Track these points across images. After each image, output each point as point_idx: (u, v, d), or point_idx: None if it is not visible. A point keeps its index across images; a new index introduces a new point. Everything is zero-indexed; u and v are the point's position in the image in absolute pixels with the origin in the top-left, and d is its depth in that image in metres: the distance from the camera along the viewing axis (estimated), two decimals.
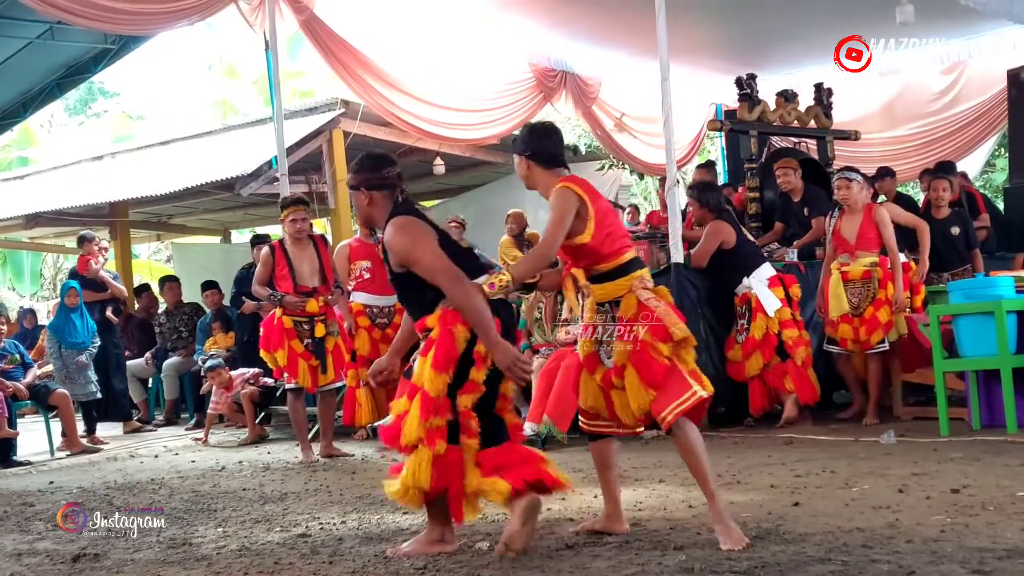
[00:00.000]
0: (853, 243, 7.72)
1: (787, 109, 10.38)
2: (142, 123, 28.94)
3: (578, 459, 6.88)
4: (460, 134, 11.81)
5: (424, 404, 4.29)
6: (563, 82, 12.02)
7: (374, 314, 8.63)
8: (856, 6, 10.17)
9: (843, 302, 7.66)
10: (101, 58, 13.20)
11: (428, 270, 4.33)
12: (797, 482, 5.52)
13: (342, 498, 6.02)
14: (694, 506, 5.11)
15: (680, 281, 8.02)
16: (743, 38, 11.53)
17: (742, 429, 7.81)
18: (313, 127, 12.17)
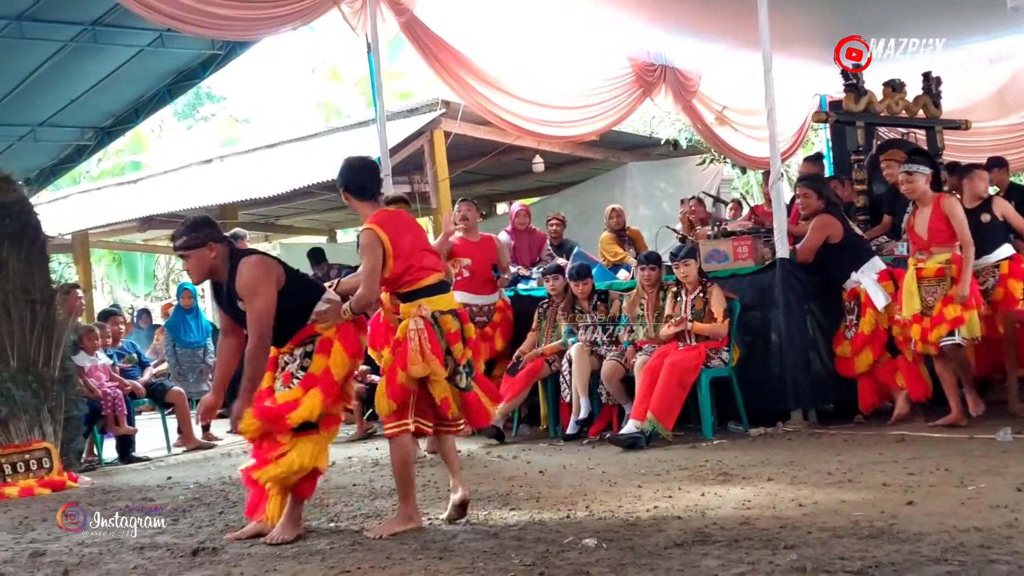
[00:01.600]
0: (926, 239, 7.34)
1: (895, 99, 10.15)
2: (248, 126, 29.57)
3: (683, 456, 6.88)
4: (559, 131, 11.83)
5: (327, 389, 5.12)
6: (662, 76, 11.96)
7: (473, 313, 8.64)
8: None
9: (915, 301, 7.30)
10: (209, 63, 13.58)
11: (255, 314, 5.03)
12: (910, 480, 5.42)
13: (450, 494, 6.08)
14: (804, 504, 5.06)
15: (786, 276, 7.93)
16: (848, 27, 11.31)
17: (852, 426, 7.68)
18: (414, 128, 12.31)
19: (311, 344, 5.18)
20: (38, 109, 13.92)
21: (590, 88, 11.70)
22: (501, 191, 16.30)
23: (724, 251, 8.40)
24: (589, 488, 5.99)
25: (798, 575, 3.75)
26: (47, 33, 11.85)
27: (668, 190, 14.71)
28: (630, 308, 8.49)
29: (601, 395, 8.23)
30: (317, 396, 5.06)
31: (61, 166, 16.41)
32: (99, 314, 11.60)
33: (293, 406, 5.02)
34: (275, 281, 5.06)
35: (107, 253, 23.10)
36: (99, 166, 25.99)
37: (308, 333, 5.19)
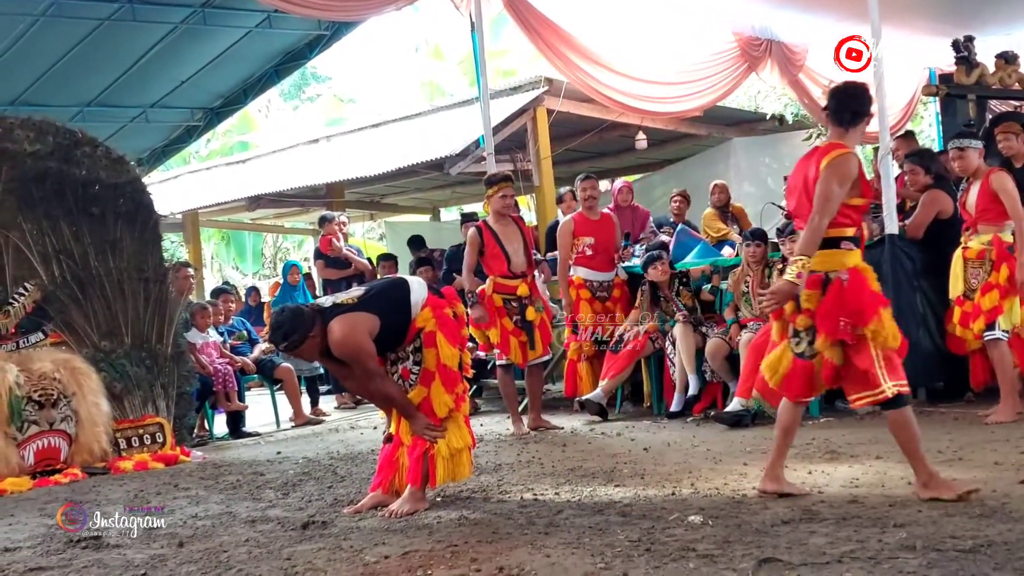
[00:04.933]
0: (974, 216, 7.06)
1: (1007, 71, 9.91)
2: (353, 106, 29.94)
3: None
4: (662, 107, 11.77)
5: (445, 378, 5.28)
6: (768, 50, 11.80)
7: (594, 288, 8.96)
8: None
9: (959, 283, 7.10)
10: (315, 44, 13.80)
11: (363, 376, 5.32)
12: (1023, 459, 5.32)
13: (554, 470, 6.16)
14: (914, 483, 5.00)
15: (895, 252, 7.82)
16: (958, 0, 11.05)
17: (963, 404, 7.55)
18: (517, 106, 12.34)
19: (418, 340, 5.34)
20: (149, 91, 14.30)
21: (694, 63, 11.61)
22: (604, 168, 16.23)
23: None
24: (694, 465, 6.00)
25: (908, 553, 3.73)
26: (158, 15, 12.16)
27: (773, 165, 14.49)
28: (735, 285, 8.44)
29: (705, 373, 8.21)
30: (440, 388, 5.29)
31: (172, 146, 16.83)
32: (211, 292, 11.90)
33: (429, 405, 5.28)
34: (366, 336, 5.16)
35: (216, 232, 23.65)
36: (208, 147, 26.58)
37: (414, 331, 5.34)
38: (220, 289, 11.65)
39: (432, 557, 4.26)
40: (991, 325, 6.93)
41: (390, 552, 4.38)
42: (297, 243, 26.03)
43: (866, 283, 4.67)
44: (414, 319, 5.34)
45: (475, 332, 8.28)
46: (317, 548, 4.56)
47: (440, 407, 5.30)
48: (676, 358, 8.30)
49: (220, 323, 10.21)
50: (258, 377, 10.42)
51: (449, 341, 5.37)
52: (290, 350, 5.24)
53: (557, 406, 9.04)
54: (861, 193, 4.71)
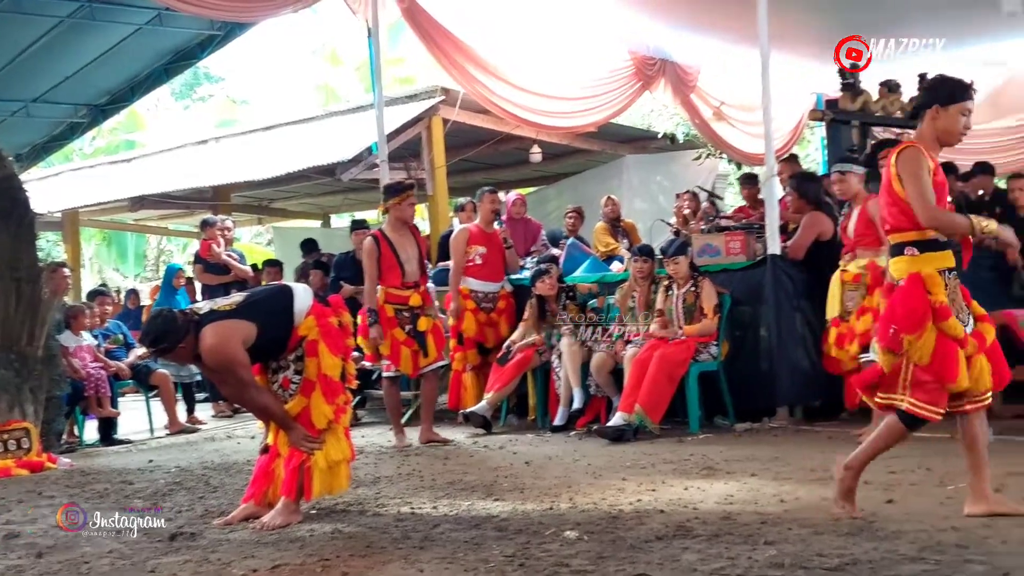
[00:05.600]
0: (852, 240, 7.21)
1: (890, 100, 10.16)
2: (246, 108, 29.50)
3: (669, 450, 6.89)
4: (558, 122, 11.83)
5: (327, 388, 5.19)
6: (662, 70, 11.95)
7: (479, 298, 8.99)
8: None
9: (836, 304, 7.23)
10: (207, 44, 13.56)
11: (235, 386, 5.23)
12: (891, 479, 5.45)
13: (434, 483, 6.11)
14: (786, 500, 5.10)
15: (777, 273, 7.95)
16: (846, 26, 11.27)
17: (837, 423, 7.70)
18: (413, 114, 12.29)
19: (300, 348, 5.23)
20: (32, 85, 13.87)
21: (590, 80, 11.69)
22: (498, 180, 16.25)
23: (716, 246, 8.43)
24: (574, 480, 6.00)
25: (776, 570, 3.77)
26: (44, 8, 11.82)
27: (664, 183, 14.70)
28: (622, 300, 8.50)
29: (590, 387, 8.24)
30: (320, 399, 5.19)
31: (54, 143, 16.36)
32: (87, 294, 11.58)
33: (308, 416, 5.17)
34: (239, 344, 5.03)
35: (98, 232, 23.00)
36: (93, 144, 25.93)
37: (296, 339, 5.23)
38: (96, 291, 11.34)
39: (302, 571, 4.18)
40: (866, 348, 7.07)
41: (259, 566, 4.27)
42: (182, 246, 25.49)
43: (920, 289, 4.34)
44: (297, 327, 5.24)
45: (364, 342, 8.18)
46: (183, 560, 4.43)
47: (319, 418, 5.20)
48: (562, 372, 8.32)
49: (96, 326, 9.93)
50: (133, 383, 10.14)
51: (332, 351, 5.28)
52: (161, 355, 5.10)
53: (441, 418, 8.98)
54: None
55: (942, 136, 4.41)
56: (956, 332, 4.34)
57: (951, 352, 4.32)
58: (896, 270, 4.46)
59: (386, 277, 7.93)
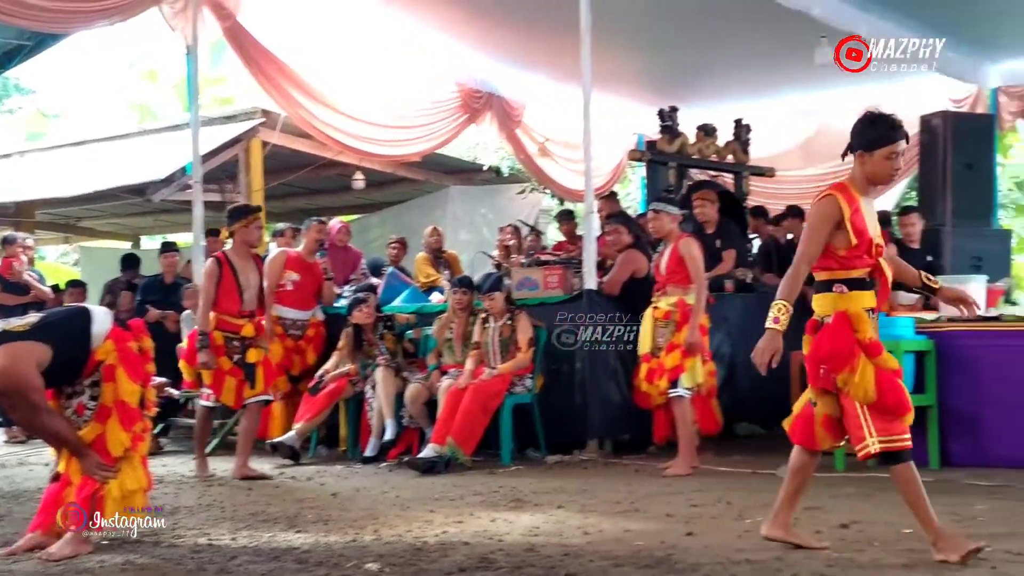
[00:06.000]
0: (664, 278, 7.40)
1: (706, 143, 10.51)
2: (58, 121, 28.35)
3: (479, 482, 6.86)
4: (382, 150, 11.76)
5: (123, 415, 4.96)
6: (488, 104, 12.05)
7: (287, 325, 8.86)
8: (776, 45, 10.33)
9: (647, 340, 7.39)
10: (15, 54, 12.91)
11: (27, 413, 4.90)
12: (693, 512, 5.54)
13: (235, 514, 5.91)
14: (590, 532, 5.12)
15: (592, 308, 8.04)
16: (667, 70, 11.68)
17: (645, 457, 7.82)
18: (231, 135, 12.02)
19: (97, 373, 5.00)
20: None
21: (416, 109, 11.67)
22: (319, 206, 16.00)
23: (535, 279, 8.49)
24: (380, 512, 5.90)
25: None
26: None
27: (489, 216, 14.79)
28: (439, 332, 8.47)
29: (403, 418, 8.15)
30: (116, 425, 4.96)
31: None
32: None
33: (103, 443, 4.93)
34: (32, 367, 4.74)
35: None
36: None
37: (93, 364, 4.99)
38: None
39: None
40: (674, 383, 7.22)
41: None
42: None
43: (846, 328, 4.32)
44: (94, 351, 4.99)
45: (186, 368, 7.86)
46: None
47: (115, 445, 4.96)
48: (375, 402, 8.21)
49: None
50: None
51: (130, 376, 5.04)
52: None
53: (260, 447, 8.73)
54: (848, 236, 4.33)
55: (871, 178, 4.42)
56: (892, 364, 4.36)
57: (896, 384, 4.33)
58: (820, 307, 4.43)
59: (222, 303, 7.56)
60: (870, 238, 4.36)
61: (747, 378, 8.71)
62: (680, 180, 10.40)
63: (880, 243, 4.43)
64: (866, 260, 4.39)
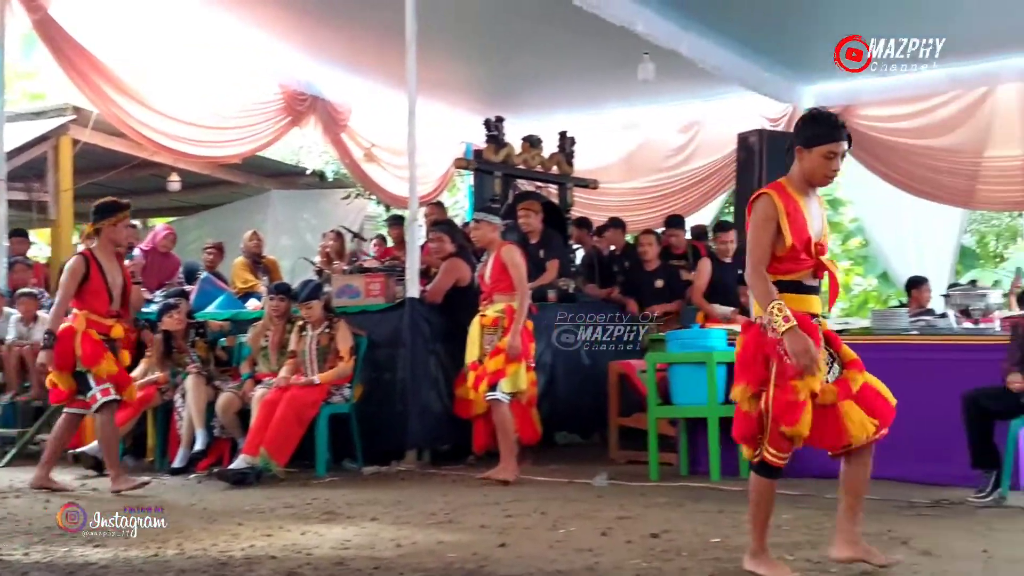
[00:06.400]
0: (490, 286, 7.45)
1: (532, 154, 10.55)
2: None
3: (292, 494, 6.70)
4: (200, 151, 11.37)
5: None
6: (313, 107, 11.82)
7: None
8: (601, 60, 10.47)
9: (475, 348, 7.41)
10: None
11: None
12: (507, 522, 5.51)
13: (30, 528, 5.62)
14: (402, 545, 5.04)
15: (414, 316, 7.97)
16: (494, 80, 11.73)
17: (464, 467, 7.77)
18: (39, 132, 11.46)
19: None
20: None
21: (236, 110, 11.34)
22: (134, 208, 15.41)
23: (356, 287, 8.36)
24: (186, 525, 5.66)
25: None
26: None
27: (312, 221, 14.54)
28: (254, 339, 8.25)
29: (214, 428, 7.89)
30: None
31: None
32: None
33: None
34: None
35: None
36: None
37: None
38: None
39: None
40: (493, 386, 7.21)
41: None
42: None
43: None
44: None
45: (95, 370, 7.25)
46: None
47: None
48: (185, 411, 7.92)
49: None
50: None
51: None
52: None
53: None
54: (784, 237, 4.13)
55: (808, 176, 4.22)
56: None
57: (791, 401, 4.08)
58: (756, 308, 4.24)
59: (90, 302, 7.11)
60: (808, 237, 4.14)
61: (566, 387, 8.84)
62: (506, 190, 10.41)
63: (822, 242, 4.24)
64: (804, 262, 4.17)
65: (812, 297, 4.23)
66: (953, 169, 11.13)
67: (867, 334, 7.14)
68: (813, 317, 4.17)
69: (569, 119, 11.91)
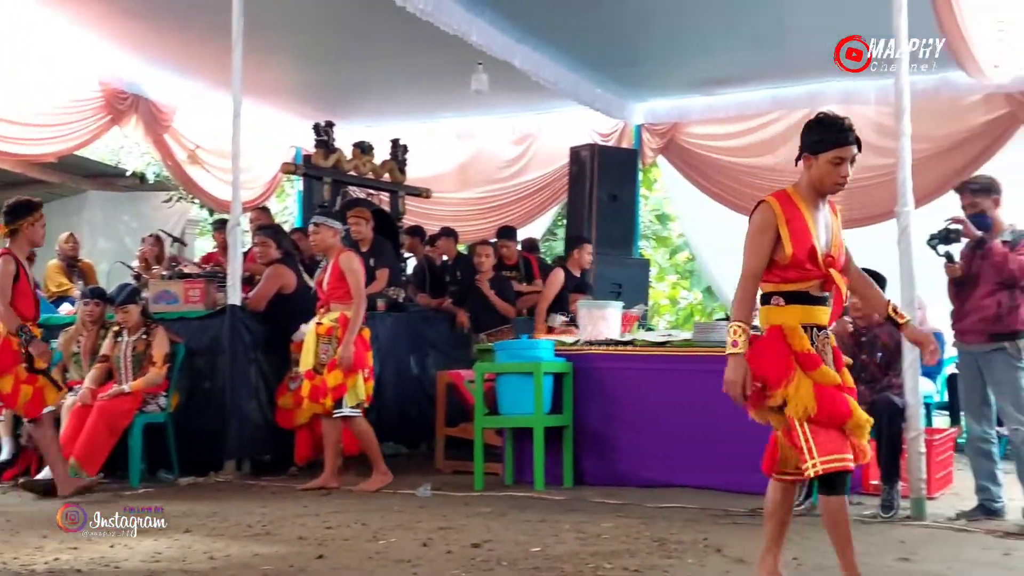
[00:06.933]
0: (326, 294, 7.29)
1: (363, 160, 10.42)
2: None
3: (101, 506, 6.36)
4: (11, 148, 10.70)
5: None
6: (135, 106, 11.37)
7: None
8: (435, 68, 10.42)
9: (310, 357, 7.22)
10: None
11: None
12: (327, 534, 5.38)
13: None
14: (216, 557, 4.89)
15: (235, 323, 7.75)
16: (325, 85, 11.54)
17: (284, 478, 7.58)
18: None
19: None
20: None
21: (52, 106, 10.76)
22: None
23: (175, 293, 8.10)
24: None
25: None
26: None
27: (132, 224, 14.02)
28: (66, 345, 7.92)
29: (20, 437, 7.52)
30: None
31: None
32: None
33: None
34: None
35: None
36: None
37: None
38: None
39: None
40: (339, 402, 7.05)
41: None
42: None
43: (780, 342, 3.95)
44: None
45: None
46: None
47: None
48: None
49: None
50: None
51: None
52: None
53: None
54: (784, 246, 3.97)
55: (816, 184, 4.04)
56: (830, 379, 3.96)
57: (835, 394, 3.93)
58: (761, 320, 4.10)
59: (17, 305, 6.72)
60: (812, 247, 3.97)
61: (394, 397, 8.74)
62: (335, 196, 10.24)
63: (832, 254, 4.05)
64: (811, 272, 3.99)
65: (820, 308, 4.05)
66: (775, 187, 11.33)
67: (689, 346, 7.28)
68: (820, 330, 4.04)
69: (402, 127, 11.83)
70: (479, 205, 13.17)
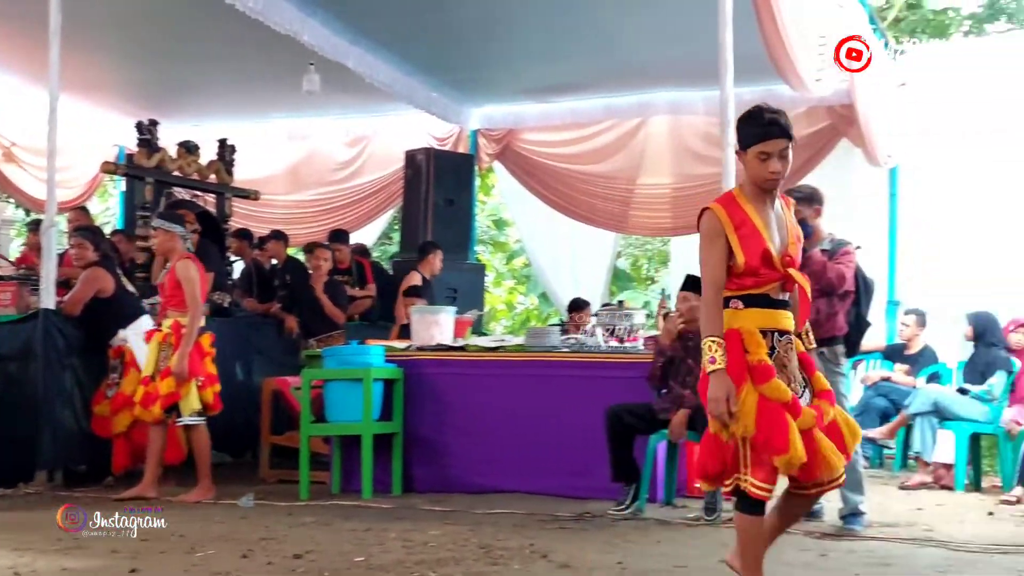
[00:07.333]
0: (165, 300, 7.09)
1: (188, 160, 10.08)
2: None
3: None
4: None
5: None
6: None
7: None
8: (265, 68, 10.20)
9: (150, 364, 6.98)
10: None
11: None
12: (141, 547, 5.14)
13: None
14: (22, 573, 4.61)
15: (49, 328, 7.38)
16: (149, 83, 11.18)
17: (100, 488, 7.25)
18: None
19: None
20: None
21: None
22: None
23: None
24: None
25: None
26: None
27: None
28: None
29: None
30: None
31: None
32: None
33: None
34: None
35: None
36: None
37: None
38: None
39: None
40: (170, 409, 6.84)
41: None
42: None
43: (736, 348, 3.71)
44: None
45: None
46: None
47: None
48: None
49: None
50: None
51: None
52: None
53: None
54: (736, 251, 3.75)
55: (752, 180, 3.83)
56: (780, 395, 3.67)
57: (778, 417, 3.63)
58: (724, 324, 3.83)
59: None
60: (766, 250, 3.75)
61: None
62: (158, 197, 9.87)
63: (790, 252, 3.83)
64: (768, 275, 3.78)
65: (781, 312, 3.85)
66: (608, 195, 11.62)
67: (521, 351, 7.29)
68: (783, 335, 3.83)
69: (232, 127, 11.53)
70: (311, 208, 12.93)
